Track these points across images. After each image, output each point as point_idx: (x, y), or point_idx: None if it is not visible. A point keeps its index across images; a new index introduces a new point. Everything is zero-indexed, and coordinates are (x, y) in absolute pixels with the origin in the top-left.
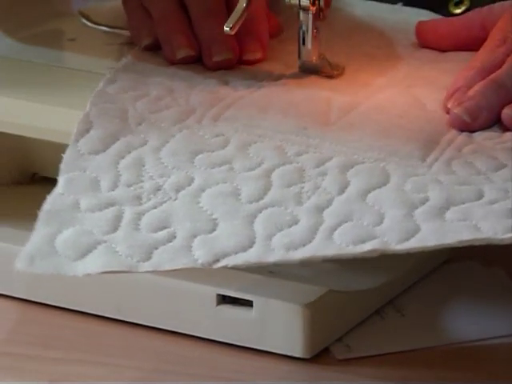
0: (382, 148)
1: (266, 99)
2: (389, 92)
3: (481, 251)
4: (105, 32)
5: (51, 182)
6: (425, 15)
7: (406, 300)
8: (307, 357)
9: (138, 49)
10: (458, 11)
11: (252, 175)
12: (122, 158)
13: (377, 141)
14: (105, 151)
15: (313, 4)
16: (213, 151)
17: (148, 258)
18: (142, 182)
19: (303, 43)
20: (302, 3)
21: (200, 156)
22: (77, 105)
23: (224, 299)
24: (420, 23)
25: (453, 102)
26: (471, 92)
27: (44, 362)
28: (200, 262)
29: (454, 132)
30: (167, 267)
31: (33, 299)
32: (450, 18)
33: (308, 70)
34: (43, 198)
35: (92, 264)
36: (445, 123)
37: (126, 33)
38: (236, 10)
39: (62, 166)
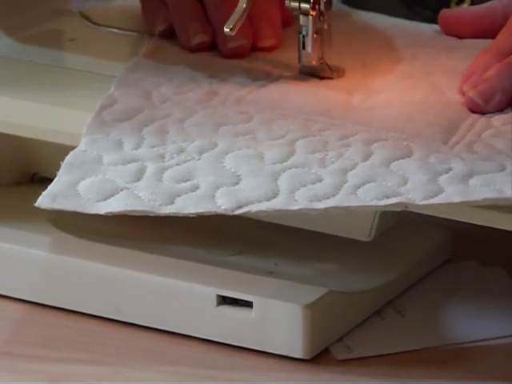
0: (404, 130)
1: (287, 86)
2: (408, 80)
3: (481, 251)
4: (105, 32)
5: (51, 182)
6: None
7: (406, 300)
8: (307, 357)
9: (156, 39)
10: None
11: (276, 143)
12: (146, 126)
13: (399, 123)
14: (129, 120)
15: (313, 8)
16: (237, 124)
17: (171, 202)
18: (165, 144)
19: (303, 47)
20: (301, 7)
21: (224, 127)
22: (77, 105)
23: (224, 300)
24: (443, 11)
25: (468, 85)
26: (486, 75)
27: (44, 362)
28: (223, 207)
29: (473, 117)
30: (190, 210)
31: (33, 300)
32: (473, 6)
33: (308, 74)
34: None
35: (114, 204)
36: (464, 109)
37: (127, 33)
38: (236, 10)
39: (85, 130)
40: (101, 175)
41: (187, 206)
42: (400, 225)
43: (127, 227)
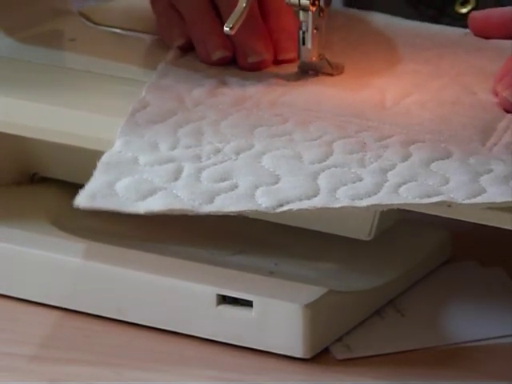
0: (441, 132)
1: (319, 88)
2: (439, 81)
3: (481, 251)
4: (105, 32)
5: (51, 182)
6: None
7: (406, 300)
8: (307, 357)
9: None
10: (464, 10)
11: (313, 144)
12: (181, 127)
13: (435, 125)
14: (163, 122)
15: (313, 4)
16: (272, 125)
17: (211, 201)
18: (201, 145)
19: (303, 43)
20: (301, 3)
21: (259, 129)
22: (77, 105)
23: (224, 299)
24: (472, 13)
25: (502, 86)
26: None
27: (44, 362)
28: (264, 206)
29: (508, 118)
30: (231, 209)
31: (32, 299)
32: (502, 8)
33: (307, 70)
34: (43, 198)
35: (153, 204)
36: (498, 110)
37: (127, 32)
38: (236, 10)
39: (119, 132)
40: (138, 175)
41: (228, 204)
42: (400, 225)
43: (127, 227)
